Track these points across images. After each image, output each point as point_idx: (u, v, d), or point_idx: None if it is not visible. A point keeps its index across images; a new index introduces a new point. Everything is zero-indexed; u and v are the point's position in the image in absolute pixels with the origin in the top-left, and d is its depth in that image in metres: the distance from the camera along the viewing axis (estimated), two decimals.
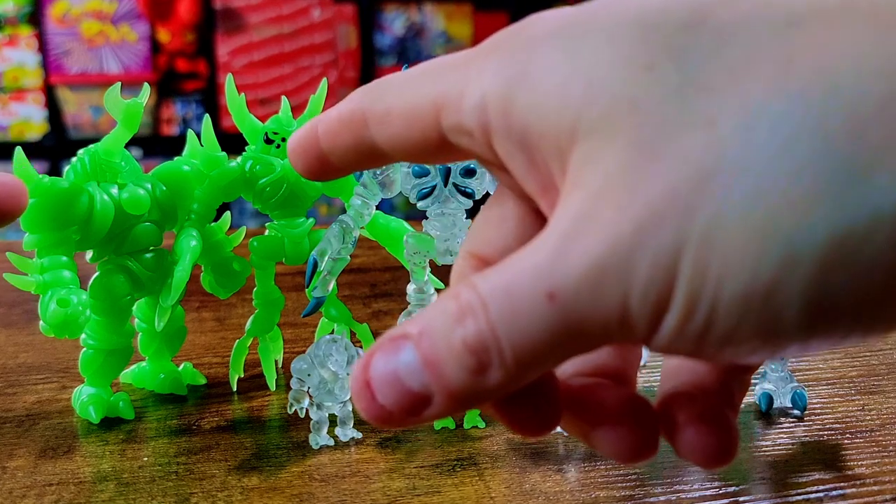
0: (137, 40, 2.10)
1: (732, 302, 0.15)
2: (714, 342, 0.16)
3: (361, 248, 0.56)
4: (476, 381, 0.17)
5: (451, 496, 0.37)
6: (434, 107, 0.19)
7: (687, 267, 0.15)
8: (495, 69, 0.18)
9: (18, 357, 0.53)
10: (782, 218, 0.15)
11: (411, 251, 0.45)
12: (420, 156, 0.21)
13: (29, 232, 0.42)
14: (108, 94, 0.42)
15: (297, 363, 0.41)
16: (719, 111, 0.15)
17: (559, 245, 0.16)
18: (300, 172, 0.22)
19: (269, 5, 2.15)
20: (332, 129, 0.21)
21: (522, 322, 0.16)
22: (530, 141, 0.18)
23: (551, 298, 0.16)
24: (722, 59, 0.16)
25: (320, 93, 0.47)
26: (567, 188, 0.17)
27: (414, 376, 0.17)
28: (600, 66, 0.17)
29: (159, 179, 0.45)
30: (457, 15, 2.27)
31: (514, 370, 0.17)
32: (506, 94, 0.18)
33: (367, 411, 0.18)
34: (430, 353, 0.17)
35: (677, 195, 0.15)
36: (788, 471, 0.39)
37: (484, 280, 0.17)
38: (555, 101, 0.17)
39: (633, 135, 0.16)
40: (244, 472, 0.39)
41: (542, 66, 0.18)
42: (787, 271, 0.15)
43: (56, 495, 0.38)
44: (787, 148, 0.15)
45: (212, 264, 0.48)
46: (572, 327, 0.16)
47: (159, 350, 0.48)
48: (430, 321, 0.17)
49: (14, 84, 2.06)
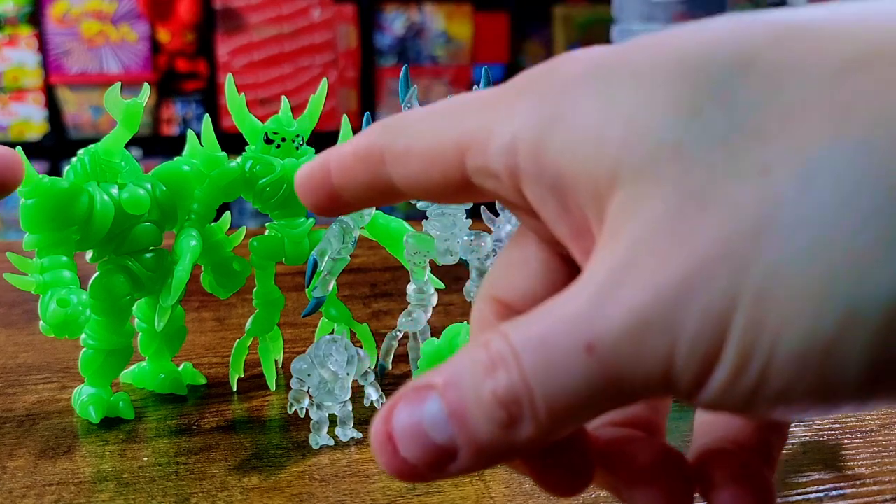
0: (137, 40, 2.10)
1: (789, 359, 0.15)
2: (766, 400, 0.15)
3: (361, 248, 0.56)
4: (506, 436, 0.16)
5: (451, 496, 0.37)
6: (458, 147, 0.18)
7: (740, 321, 0.15)
8: (526, 110, 0.17)
9: (18, 357, 0.53)
10: (843, 273, 0.14)
11: (411, 251, 0.45)
12: (439, 196, 0.20)
13: (29, 232, 0.42)
14: (108, 94, 0.42)
15: (297, 363, 0.41)
16: (773, 159, 0.15)
17: (599, 294, 0.16)
18: (309, 207, 0.22)
19: (269, 5, 2.15)
20: (346, 165, 0.20)
21: (558, 375, 0.15)
22: (564, 185, 0.17)
23: (590, 351, 0.15)
24: (773, 104, 0.15)
25: (320, 93, 0.47)
26: (606, 235, 0.16)
27: (439, 429, 0.16)
28: (641, 110, 0.16)
29: (159, 179, 0.45)
30: (457, 15, 2.27)
31: (547, 425, 0.16)
32: (538, 137, 0.17)
33: (388, 465, 0.17)
34: (458, 404, 0.16)
35: (729, 246, 0.15)
36: (788, 471, 0.39)
37: (516, 329, 0.16)
38: (592, 145, 0.16)
39: (679, 182, 0.15)
40: (244, 472, 0.39)
41: (576, 108, 0.17)
42: (849, 329, 0.14)
43: (56, 495, 0.38)
44: (849, 200, 0.14)
45: (212, 264, 0.48)
46: (611, 381, 0.15)
47: (159, 350, 0.48)
48: (458, 371, 0.16)
49: (14, 84, 2.06)
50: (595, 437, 0.20)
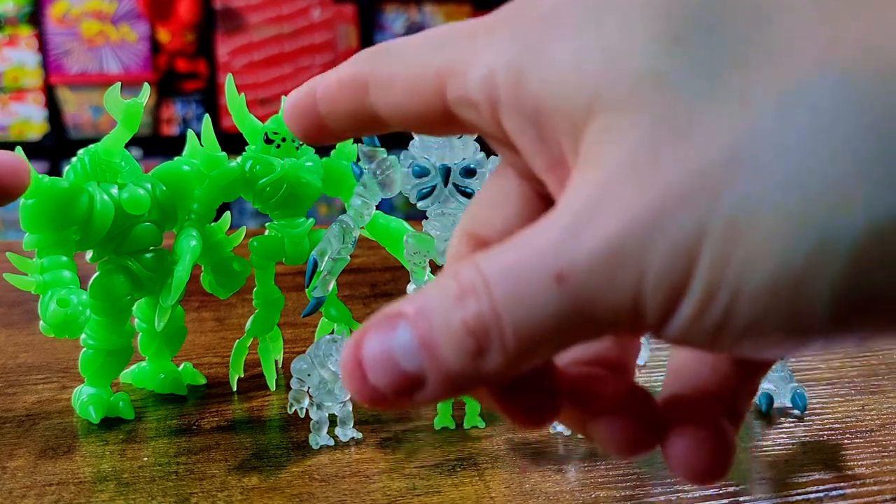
0: (137, 40, 2.10)
1: (757, 291, 0.14)
2: (732, 334, 0.15)
3: (361, 248, 0.56)
4: (474, 365, 0.16)
5: (451, 496, 0.37)
6: (438, 77, 0.18)
7: (708, 251, 0.14)
8: (506, 40, 0.17)
9: (18, 357, 0.53)
10: (818, 203, 0.14)
11: (411, 251, 0.45)
12: (421, 126, 0.20)
13: (29, 232, 0.42)
14: (108, 94, 0.42)
15: (297, 363, 0.41)
16: (754, 89, 0.14)
17: (570, 224, 0.15)
18: (295, 134, 0.22)
19: (269, 5, 2.15)
20: (331, 93, 0.20)
21: (527, 304, 0.15)
22: (542, 115, 0.17)
23: (560, 280, 0.15)
24: (759, 34, 0.15)
25: None
26: (581, 165, 0.16)
27: (409, 357, 0.16)
28: (622, 39, 0.16)
29: (159, 179, 0.45)
30: (457, 15, 2.27)
31: (515, 355, 0.16)
32: (516, 67, 0.17)
33: (357, 391, 0.17)
34: (427, 333, 0.16)
35: (703, 176, 0.14)
36: (788, 471, 0.39)
37: (487, 259, 0.16)
38: (571, 74, 0.16)
39: (657, 110, 0.15)
40: (244, 472, 0.39)
41: (556, 38, 0.17)
42: (821, 261, 0.14)
43: (56, 495, 0.38)
44: (827, 129, 0.14)
45: (212, 264, 0.48)
46: (580, 312, 0.15)
47: (159, 350, 0.48)
48: (428, 300, 0.16)
49: (14, 84, 2.06)
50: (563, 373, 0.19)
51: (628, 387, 0.19)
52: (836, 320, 0.14)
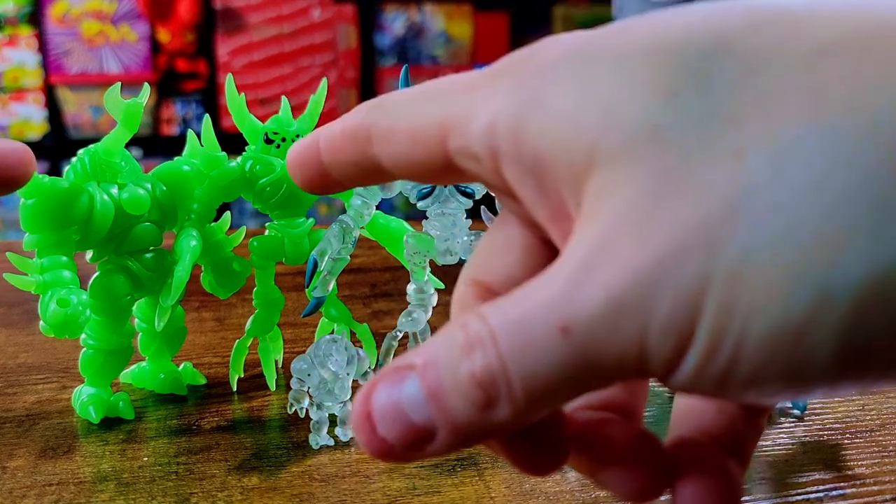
0: (137, 40, 2.10)
1: (760, 342, 0.15)
2: (737, 383, 0.15)
3: (361, 248, 0.56)
4: (483, 417, 0.16)
5: (451, 496, 0.37)
6: (440, 128, 0.19)
7: (712, 303, 0.15)
8: (506, 93, 0.18)
9: (18, 357, 0.53)
10: (815, 255, 0.14)
11: (411, 251, 0.45)
12: (423, 176, 0.20)
13: (29, 232, 0.42)
14: (108, 94, 0.42)
15: (297, 363, 0.41)
16: (747, 143, 0.15)
17: (574, 276, 0.16)
18: (299, 185, 0.22)
19: (269, 5, 2.15)
20: (334, 144, 0.21)
21: (534, 356, 0.16)
22: (542, 167, 0.17)
23: (565, 332, 0.15)
24: (749, 88, 0.15)
25: (320, 93, 0.47)
26: (583, 217, 0.16)
27: (418, 409, 0.16)
28: (619, 92, 0.16)
29: (159, 179, 0.45)
30: (457, 15, 2.27)
31: (524, 406, 0.16)
32: (517, 119, 0.17)
33: (367, 444, 0.17)
34: (436, 385, 0.16)
35: (703, 228, 0.15)
36: (788, 471, 0.39)
37: (494, 311, 0.16)
38: (570, 127, 0.16)
39: (654, 164, 0.15)
40: (244, 472, 0.39)
41: (555, 90, 0.17)
42: (820, 312, 0.14)
43: (56, 495, 0.38)
44: (821, 182, 0.14)
45: (212, 264, 0.48)
46: (586, 363, 0.16)
47: (159, 350, 0.48)
48: (436, 352, 0.17)
49: (14, 84, 2.06)
50: (572, 419, 0.20)
51: (637, 432, 0.19)
52: (837, 368, 0.15)
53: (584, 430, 0.19)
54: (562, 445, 0.19)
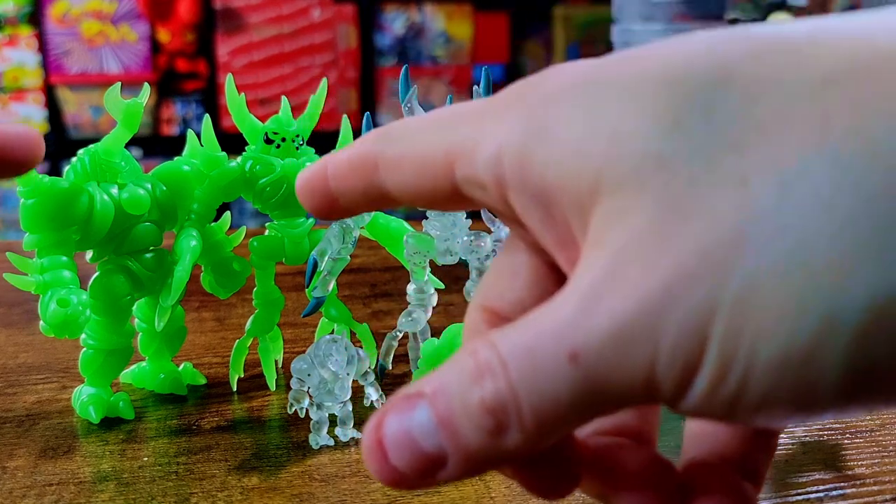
0: (137, 40, 2.10)
1: (768, 366, 0.15)
2: (746, 407, 0.16)
3: (361, 248, 0.56)
4: (493, 443, 0.16)
5: (451, 496, 0.37)
6: (447, 157, 0.19)
7: (720, 329, 0.15)
8: (512, 122, 0.18)
9: (18, 357, 0.53)
10: (821, 280, 0.14)
11: (411, 251, 0.45)
12: (430, 203, 0.20)
13: (29, 232, 0.42)
14: (108, 94, 0.42)
15: (297, 363, 0.41)
16: (751, 169, 0.15)
17: (582, 304, 0.16)
18: (308, 210, 0.22)
19: (269, 5, 2.15)
20: (341, 172, 0.21)
21: (544, 383, 0.16)
22: (548, 196, 0.17)
23: (574, 359, 0.16)
24: (752, 116, 0.15)
25: (320, 93, 0.47)
26: (589, 245, 0.17)
27: (428, 437, 0.17)
28: (624, 122, 0.16)
29: (159, 179, 0.45)
30: (457, 15, 2.27)
31: (534, 433, 0.16)
32: (523, 148, 0.17)
33: (378, 473, 0.17)
34: (446, 412, 0.16)
35: (709, 255, 0.15)
36: (788, 471, 0.39)
37: (503, 338, 0.16)
38: (575, 156, 0.17)
39: (660, 192, 0.16)
40: (244, 472, 0.39)
41: (561, 120, 0.17)
42: (827, 336, 0.14)
43: (56, 495, 0.38)
44: (826, 209, 0.14)
45: (212, 264, 0.48)
46: (595, 390, 0.16)
47: (159, 350, 0.48)
48: (446, 380, 0.17)
49: (14, 84, 2.06)
50: (584, 444, 0.20)
51: (649, 457, 0.19)
52: (845, 392, 0.15)
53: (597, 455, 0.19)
54: (574, 469, 0.19)
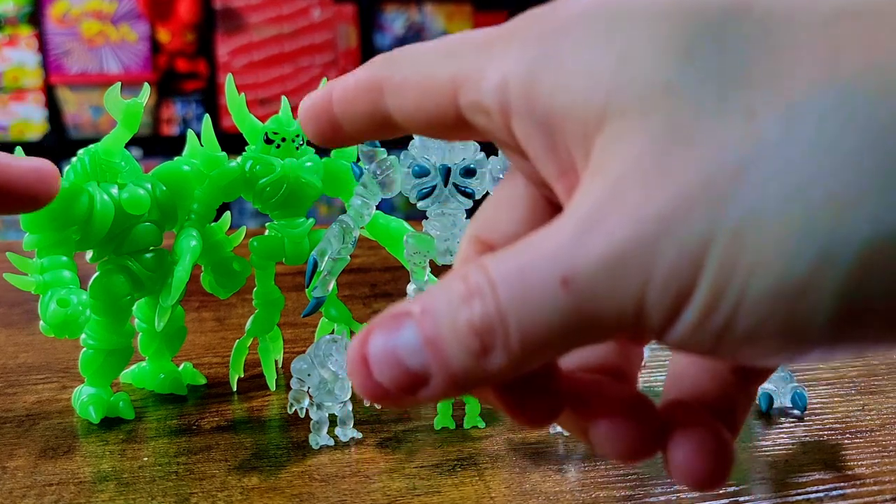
0: (137, 40, 2.10)
1: (760, 298, 0.15)
2: (734, 340, 0.15)
3: (361, 248, 0.56)
4: (478, 364, 0.16)
5: (451, 496, 0.37)
6: (452, 82, 0.19)
7: (714, 258, 0.15)
8: (519, 49, 0.18)
9: (18, 357, 0.53)
10: (821, 213, 0.14)
11: (411, 251, 0.45)
12: (433, 130, 0.20)
13: (29, 232, 0.42)
14: (108, 94, 0.42)
15: (297, 363, 0.41)
16: (760, 102, 0.15)
17: (578, 229, 0.16)
18: (310, 136, 0.22)
19: (269, 5, 2.15)
20: (347, 95, 0.21)
21: (533, 306, 0.16)
22: (553, 123, 0.17)
23: (566, 284, 0.15)
24: (764, 49, 0.15)
25: None
26: (590, 171, 0.16)
27: (413, 355, 0.17)
28: (634, 49, 0.16)
29: (159, 179, 0.45)
30: (457, 15, 2.27)
31: (519, 355, 0.16)
32: (529, 75, 0.17)
33: (362, 387, 0.17)
34: (432, 332, 0.16)
35: (711, 183, 0.15)
36: (788, 471, 0.39)
37: (494, 262, 0.16)
38: (582, 83, 0.17)
39: (666, 119, 0.15)
40: (244, 472, 0.39)
41: (569, 48, 0.17)
42: (822, 270, 0.14)
43: (56, 495, 0.38)
44: (832, 142, 0.14)
45: (212, 264, 0.48)
46: (585, 315, 0.16)
47: (159, 350, 0.48)
48: (434, 300, 0.17)
49: (14, 84, 2.06)
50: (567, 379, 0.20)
51: (630, 393, 0.20)
52: (835, 329, 0.15)
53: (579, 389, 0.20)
54: (556, 399, 0.19)
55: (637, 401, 0.19)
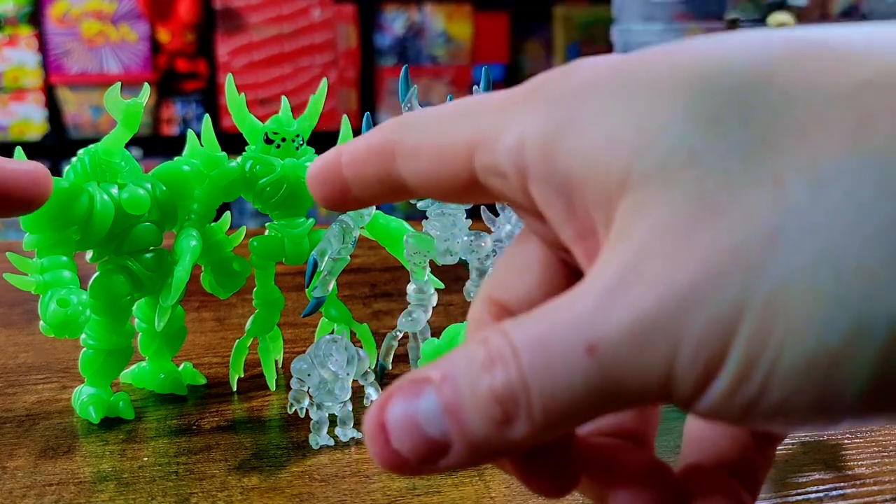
0: (137, 40, 2.10)
1: (792, 369, 0.14)
2: (764, 411, 0.15)
3: (361, 248, 0.56)
4: (499, 433, 0.16)
5: (451, 496, 0.37)
6: (467, 145, 0.19)
7: (746, 328, 0.14)
8: (537, 111, 0.18)
9: (18, 357, 0.53)
10: (853, 284, 0.14)
11: (411, 251, 0.45)
12: (446, 194, 0.20)
13: (29, 232, 0.42)
14: (108, 94, 0.42)
15: (297, 363, 0.41)
16: (787, 170, 0.15)
17: (602, 296, 0.15)
18: (317, 199, 0.22)
19: (269, 5, 2.15)
20: (358, 159, 0.21)
21: (556, 375, 0.15)
22: (572, 186, 0.17)
23: (590, 352, 0.15)
24: (790, 118, 0.15)
25: (320, 93, 0.47)
26: (613, 238, 0.16)
27: (433, 423, 0.16)
28: (657, 116, 0.16)
29: (159, 179, 0.45)
30: (457, 15, 2.27)
31: (542, 425, 0.16)
32: (549, 137, 0.17)
33: (379, 456, 0.17)
34: (453, 399, 0.16)
35: (741, 252, 0.14)
36: (788, 471, 0.39)
37: (517, 327, 0.16)
38: (603, 147, 0.16)
39: (691, 187, 0.15)
40: (244, 472, 0.39)
41: (590, 111, 0.17)
42: (856, 343, 0.14)
43: (56, 495, 0.38)
44: (861, 213, 0.14)
45: (212, 264, 0.48)
46: (609, 384, 0.15)
47: (159, 350, 0.48)
48: (454, 366, 0.16)
49: (14, 84, 2.06)
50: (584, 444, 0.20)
51: (648, 459, 0.19)
52: (868, 401, 0.15)
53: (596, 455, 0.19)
54: (574, 468, 0.19)
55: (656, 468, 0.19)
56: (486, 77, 0.43)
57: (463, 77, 2.28)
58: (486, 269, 0.45)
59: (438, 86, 2.25)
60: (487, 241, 0.44)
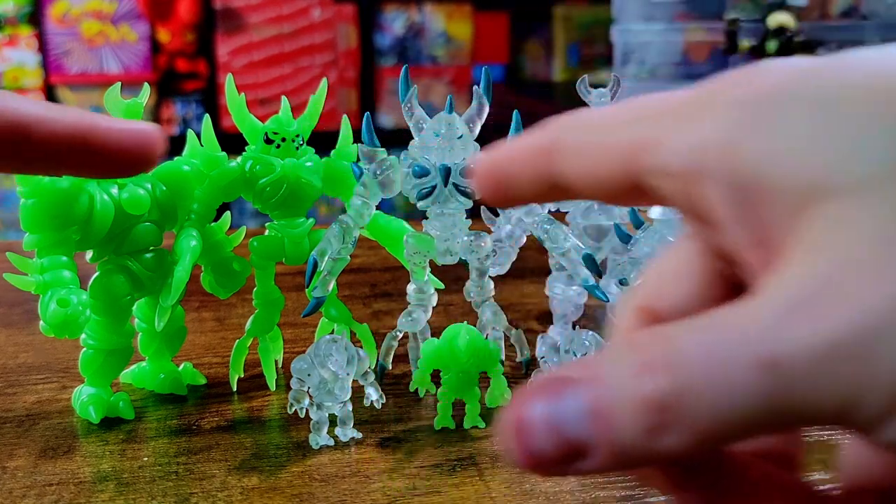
0: (137, 40, 2.10)
1: None
2: None
3: (361, 248, 0.56)
4: (648, 442, 0.15)
5: (451, 496, 0.37)
6: (631, 145, 0.18)
7: None
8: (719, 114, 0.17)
9: (18, 357, 0.53)
10: None
11: (411, 251, 0.45)
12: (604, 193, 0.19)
13: (29, 232, 0.42)
14: (108, 94, 0.42)
15: (297, 363, 0.41)
16: None
17: (783, 310, 0.15)
18: (483, 196, 0.21)
19: (269, 5, 2.15)
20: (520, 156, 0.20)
21: (721, 388, 0.15)
22: (754, 191, 0.16)
23: (763, 368, 0.14)
24: None
25: (320, 93, 0.47)
26: (801, 249, 0.15)
27: (576, 425, 0.16)
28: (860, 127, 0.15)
29: (159, 179, 0.45)
30: (457, 15, 2.27)
31: (696, 438, 0.15)
32: (733, 140, 0.17)
33: (518, 455, 0.16)
34: (601, 402, 0.15)
35: None
36: None
37: (678, 334, 0.15)
38: (798, 155, 0.16)
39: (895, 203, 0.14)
40: (244, 472, 0.39)
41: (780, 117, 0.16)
42: None
43: (56, 495, 0.38)
44: None
45: (212, 264, 0.48)
46: (780, 404, 0.14)
47: (159, 350, 0.48)
48: (605, 369, 0.16)
49: (14, 84, 2.06)
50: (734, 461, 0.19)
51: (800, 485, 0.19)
52: None
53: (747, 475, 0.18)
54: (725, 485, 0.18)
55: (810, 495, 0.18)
56: (486, 77, 0.43)
57: (463, 77, 2.28)
58: (486, 269, 0.45)
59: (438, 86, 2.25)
60: (487, 241, 0.44)
